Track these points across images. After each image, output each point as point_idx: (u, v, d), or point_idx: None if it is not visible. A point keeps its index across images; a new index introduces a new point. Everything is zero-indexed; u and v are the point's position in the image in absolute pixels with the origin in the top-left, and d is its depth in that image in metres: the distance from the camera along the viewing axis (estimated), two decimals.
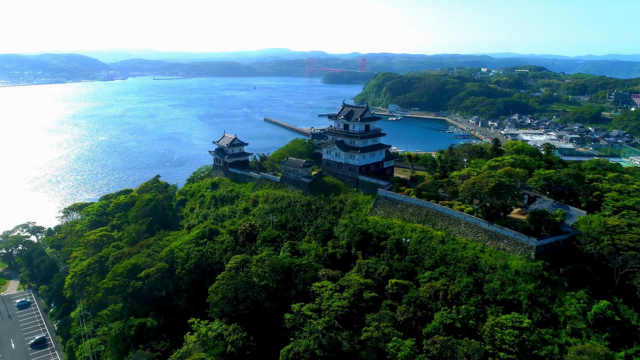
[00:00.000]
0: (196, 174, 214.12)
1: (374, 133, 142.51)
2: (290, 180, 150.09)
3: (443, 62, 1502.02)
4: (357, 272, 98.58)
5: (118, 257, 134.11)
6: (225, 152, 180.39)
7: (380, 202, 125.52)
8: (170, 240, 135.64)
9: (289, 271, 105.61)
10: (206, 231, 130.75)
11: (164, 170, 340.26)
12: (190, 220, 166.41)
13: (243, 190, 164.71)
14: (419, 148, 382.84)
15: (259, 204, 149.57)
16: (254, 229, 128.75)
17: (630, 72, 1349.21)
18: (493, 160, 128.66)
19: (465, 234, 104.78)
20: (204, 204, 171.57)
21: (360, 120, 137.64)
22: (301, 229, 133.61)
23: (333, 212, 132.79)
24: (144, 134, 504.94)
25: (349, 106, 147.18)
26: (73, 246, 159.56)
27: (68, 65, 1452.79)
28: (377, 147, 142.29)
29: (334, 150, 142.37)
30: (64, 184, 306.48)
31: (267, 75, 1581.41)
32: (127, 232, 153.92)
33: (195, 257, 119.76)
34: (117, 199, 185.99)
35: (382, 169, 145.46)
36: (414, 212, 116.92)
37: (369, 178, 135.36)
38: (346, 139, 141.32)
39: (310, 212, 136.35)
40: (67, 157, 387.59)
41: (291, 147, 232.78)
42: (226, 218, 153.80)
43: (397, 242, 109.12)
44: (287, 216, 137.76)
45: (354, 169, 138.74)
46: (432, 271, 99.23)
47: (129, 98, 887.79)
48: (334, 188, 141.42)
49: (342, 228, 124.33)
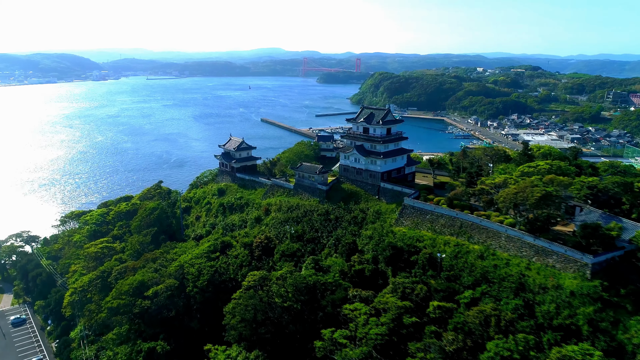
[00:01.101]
0: (199, 178, 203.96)
1: (396, 137, 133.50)
2: (305, 187, 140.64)
3: (437, 62, 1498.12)
4: (392, 293, 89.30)
5: (122, 272, 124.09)
6: (232, 157, 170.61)
7: (406, 212, 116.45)
8: (179, 253, 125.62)
9: (313, 290, 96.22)
10: (218, 244, 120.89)
11: (162, 172, 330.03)
12: (196, 229, 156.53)
13: (253, 197, 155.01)
14: (421, 149, 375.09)
15: (272, 213, 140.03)
16: (270, 241, 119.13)
17: (622, 72, 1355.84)
18: (526, 167, 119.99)
19: (507, 249, 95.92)
20: (210, 212, 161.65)
21: (382, 124, 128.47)
22: (320, 240, 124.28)
23: (354, 223, 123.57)
24: (140, 134, 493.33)
25: (369, 108, 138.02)
26: (72, 258, 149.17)
27: (60, 65, 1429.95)
28: (399, 152, 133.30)
29: (353, 156, 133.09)
30: (58, 187, 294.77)
31: (261, 75, 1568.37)
32: (130, 244, 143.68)
33: (208, 274, 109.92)
34: (118, 207, 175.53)
35: (404, 175, 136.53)
36: (446, 224, 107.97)
37: (392, 185, 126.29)
38: (366, 143, 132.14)
39: (329, 222, 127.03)
40: (61, 160, 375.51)
41: (297, 150, 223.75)
42: (236, 228, 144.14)
43: (430, 257, 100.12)
44: (303, 226, 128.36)
45: (375, 175, 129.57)
46: (473, 290, 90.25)
47: (122, 98, 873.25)
48: (354, 196, 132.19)
49: (365, 240, 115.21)
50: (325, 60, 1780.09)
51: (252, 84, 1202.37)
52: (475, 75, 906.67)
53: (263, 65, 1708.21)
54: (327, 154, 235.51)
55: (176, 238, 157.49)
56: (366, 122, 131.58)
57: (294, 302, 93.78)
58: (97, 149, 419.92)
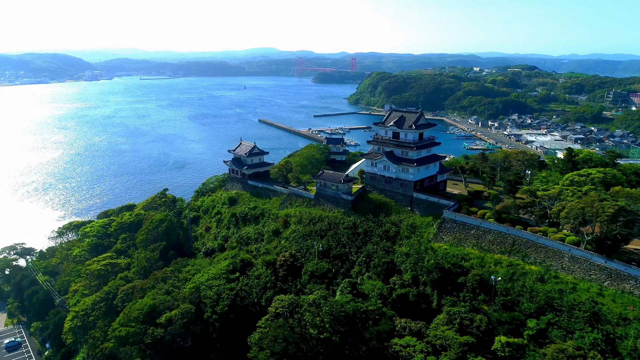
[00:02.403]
0: (205, 184, 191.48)
1: (429, 142, 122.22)
2: (327, 197, 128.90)
3: (432, 62, 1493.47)
4: (447, 325, 77.93)
5: (128, 294, 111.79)
6: (244, 163, 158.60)
7: (446, 226, 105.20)
8: (192, 272, 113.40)
9: (353, 320, 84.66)
10: (237, 262, 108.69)
11: (161, 175, 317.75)
12: (207, 242, 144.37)
13: (268, 207, 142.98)
14: None
15: (291, 226, 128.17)
16: (296, 260, 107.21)
17: (615, 71, 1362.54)
18: (575, 175, 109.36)
19: (571, 271, 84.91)
20: (221, 222, 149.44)
21: (415, 128, 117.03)
22: (348, 257, 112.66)
23: (386, 237, 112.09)
24: (136, 136, 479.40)
25: (399, 111, 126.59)
26: (71, 276, 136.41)
27: (51, 65, 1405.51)
28: (432, 158, 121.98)
29: (381, 163, 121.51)
30: (54, 192, 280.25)
31: (256, 74, 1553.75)
32: (136, 260, 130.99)
33: (228, 298, 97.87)
34: (120, 218, 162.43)
35: (436, 183, 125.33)
36: (495, 240, 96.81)
37: (426, 196, 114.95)
38: (396, 149, 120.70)
39: (357, 237, 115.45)
40: (56, 162, 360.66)
41: (307, 154, 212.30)
42: (252, 241, 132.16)
43: (481, 278, 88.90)
44: (328, 241, 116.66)
45: (407, 184, 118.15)
46: (537, 320, 79.10)
47: (116, 99, 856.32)
48: (383, 207, 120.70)
49: (401, 258, 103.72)
50: (320, 60, 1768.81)
51: (247, 83, 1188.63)
52: (473, 75, 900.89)
53: (258, 65, 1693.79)
54: (337, 158, 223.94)
55: (184, 251, 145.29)
56: (396, 126, 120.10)
57: (332, 334, 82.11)
58: (92, 150, 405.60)
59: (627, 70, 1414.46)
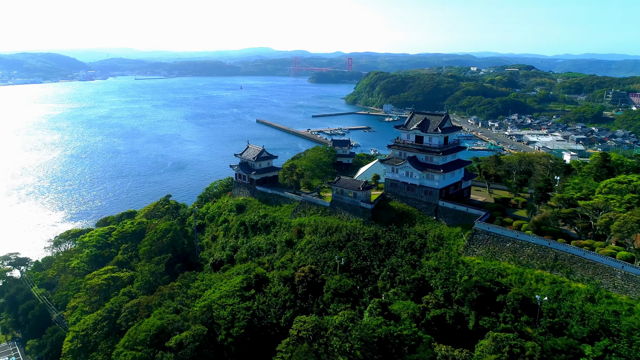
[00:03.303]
0: (209, 189, 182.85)
1: (454, 147, 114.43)
2: (344, 206, 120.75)
3: (428, 62, 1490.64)
4: (495, 353, 70.01)
5: (133, 312, 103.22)
6: (251, 167, 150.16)
7: (478, 238, 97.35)
8: (201, 287, 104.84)
9: (385, 345, 76.69)
10: (251, 278, 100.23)
11: (159, 177, 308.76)
12: (214, 252, 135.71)
13: (279, 215, 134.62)
14: None
15: (306, 236, 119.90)
16: (316, 275, 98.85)
17: (609, 71, 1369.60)
18: (614, 182, 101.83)
19: (626, 290, 77.24)
20: (229, 231, 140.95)
21: (442, 132, 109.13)
22: (370, 270, 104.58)
23: (411, 249, 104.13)
24: (133, 137, 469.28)
25: (421, 113, 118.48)
26: (69, 289, 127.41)
27: (45, 64, 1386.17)
28: (457, 164, 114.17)
29: (404, 169, 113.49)
30: (49, 196, 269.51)
31: (252, 74, 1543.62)
32: (140, 274, 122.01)
33: (244, 318, 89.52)
34: (121, 226, 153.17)
35: (461, 190, 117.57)
36: (535, 254, 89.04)
37: (453, 204, 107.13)
38: (420, 154, 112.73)
39: (379, 249, 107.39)
40: (51, 164, 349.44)
41: (314, 157, 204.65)
42: (263, 252, 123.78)
43: (523, 298, 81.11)
44: (347, 253, 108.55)
45: (431, 192, 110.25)
46: (591, 346, 71.43)
47: (111, 99, 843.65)
48: (405, 216, 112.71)
49: (429, 272, 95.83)
50: (315, 59, 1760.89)
51: (243, 83, 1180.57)
52: (470, 75, 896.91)
53: (253, 65, 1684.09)
54: (344, 160, 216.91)
55: (190, 262, 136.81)
56: (420, 129, 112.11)
57: None
58: (88, 152, 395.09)
59: (621, 70, 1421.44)
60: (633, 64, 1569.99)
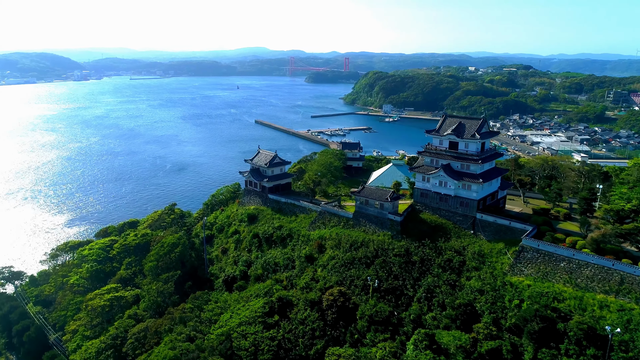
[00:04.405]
0: (215, 196, 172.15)
1: (491, 153, 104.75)
2: (369, 217, 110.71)
3: (424, 61, 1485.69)
4: None
5: (140, 338, 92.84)
6: (263, 174, 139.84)
7: (526, 257, 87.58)
8: (216, 310, 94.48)
9: None
10: (274, 302, 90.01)
11: (159, 181, 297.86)
12: (225, 267, 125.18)
13: (295, 227, 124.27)
14: None
15: (328, 250, 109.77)
16: (347, 299, 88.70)
17: (604, 70, 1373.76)
18: None
19: None
20: (240, 243, 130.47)
21: (480, 137, 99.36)
22: (402, 291, 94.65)
23: (449, 268, 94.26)
24: (130, 137, 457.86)
25: (455, 117, 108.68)
26: (68, 309, 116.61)
27: (39, 64, 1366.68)
28: (495, 172, 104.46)
29: (436, 178, 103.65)
30: (45, 201, 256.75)
31: (248, 74, 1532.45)
32: (147, 293, 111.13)
33: (269, 350, 79.30)
34: (124, 238, 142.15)
35: (497, 200, 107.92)
36: (596, 276, 79.40)
37: (494, 217, 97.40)
38: (454, 162, 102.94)
39: (412, 267, 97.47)
40: (46, 167, 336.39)
41: (324, 161, 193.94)
42: (280, 268, 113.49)
43: (588, 327, 71.44)
44: (376, 271, 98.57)
45: (468, 203, 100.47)
46: None
47: (106, 99, 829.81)
48: (439, 230, 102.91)
49: (471, 295, 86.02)
50: (312, 59, 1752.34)
51: (240, 83, 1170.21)
52: (469, 75, 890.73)
53: (249, 65, 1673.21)
54: (354, 164, 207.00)
55: (198, 277, 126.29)
56: (455, 134, 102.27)
57: None
58: (85, 153, 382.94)
59: (616, 70, 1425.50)
60: (627, 64, 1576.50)
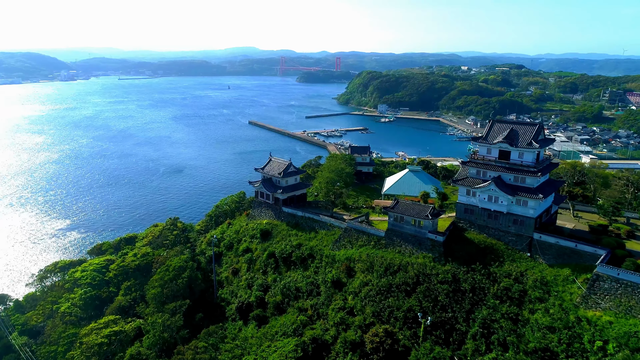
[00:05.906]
0: (219, 207, 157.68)
1: (548, 164, 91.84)
2: (405, 237, 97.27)
3: (415, 61, 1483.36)
4: None
5: None
6: (277, 185, 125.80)
7: (602, 286, 74.76)
8: (235, 351, 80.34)
9: None
10: (307, 344, 76.24)
11: (153, 185, 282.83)
12: (238, 291, 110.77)
13: (317, 245, 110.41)
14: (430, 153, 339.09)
15: (358, 274, 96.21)
16: (396, 341, 75.13)
17: (592, 70, 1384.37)
18: None
19: None
20: (254, 264, 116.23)
21: (539, 146, 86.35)
22: (453, 325, 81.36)
23: (507, 298, 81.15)
24: (120, 139, 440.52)
25: (505, 122, 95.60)
26: (60, 343, 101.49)
27: (24, 64, 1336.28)
28: (551, 185, 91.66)
29: (485, 192, 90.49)
30: (31, 209, 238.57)
31: (238, 74, 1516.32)
32: (151, 327, 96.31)
33: None
34: (122, 258, 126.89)
35: (550, 216, 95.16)
36: None
37: (555, 238, 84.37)
38: (506, 174, 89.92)
39: (462, 296, 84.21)
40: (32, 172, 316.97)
41: (334, 167, 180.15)
42: (303, 294, 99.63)
43: None
44: (419, 300, 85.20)
45: (523, 221, 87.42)
46: None
47: (94, 99, 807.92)
48: (489, 252, 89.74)
49: (540, 332, 73.04)
50: (302, 59, 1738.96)
51: (230, 83, 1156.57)
52: (462, 74, 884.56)
53: (240, 65, 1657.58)
54: (364, 169, 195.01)
55: (207, 302, 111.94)
56: (508, 142, 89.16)
57: None
58: (74, 157, 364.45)
59: (604, 69, 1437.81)
60: (615, 63, 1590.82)
